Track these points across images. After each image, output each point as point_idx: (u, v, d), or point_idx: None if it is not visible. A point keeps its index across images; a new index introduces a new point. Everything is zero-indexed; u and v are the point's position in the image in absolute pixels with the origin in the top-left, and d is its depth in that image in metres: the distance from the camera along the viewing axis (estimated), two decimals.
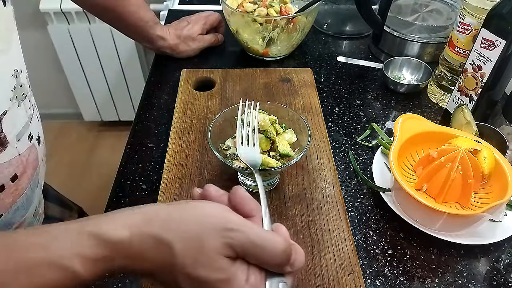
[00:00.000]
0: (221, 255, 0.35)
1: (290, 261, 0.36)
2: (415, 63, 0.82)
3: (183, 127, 0.69)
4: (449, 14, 0.88)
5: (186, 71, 0.81)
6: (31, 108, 0.51)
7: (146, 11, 0.81)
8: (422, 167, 0.60)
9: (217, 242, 0.35)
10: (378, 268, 0.53)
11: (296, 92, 0.77)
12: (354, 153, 0.68)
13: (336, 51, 0.93)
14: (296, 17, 0.81)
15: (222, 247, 0.35)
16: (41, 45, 1.77)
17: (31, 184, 0.51)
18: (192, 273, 0.34)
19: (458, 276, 0.52)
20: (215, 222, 0.35)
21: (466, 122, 0.63)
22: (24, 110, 0.48)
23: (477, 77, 0.65)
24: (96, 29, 1.63)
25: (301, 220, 0.56)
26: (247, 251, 0.35)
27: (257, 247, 0.35)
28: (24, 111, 0.48)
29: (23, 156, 0.48)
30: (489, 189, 0.57)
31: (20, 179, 0.48)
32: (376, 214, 0.59)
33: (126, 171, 0.65)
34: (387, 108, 0.78)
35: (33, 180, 0.52)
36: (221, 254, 0.35)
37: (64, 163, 1.94)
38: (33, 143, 0.50)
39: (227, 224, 0.35)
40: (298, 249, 0.38)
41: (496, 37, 0.60)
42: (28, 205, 0.52)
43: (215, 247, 0.35)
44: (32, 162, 0.51)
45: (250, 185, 0.59)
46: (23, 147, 0.48)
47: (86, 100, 1.90)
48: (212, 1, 1.05)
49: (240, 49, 0.91)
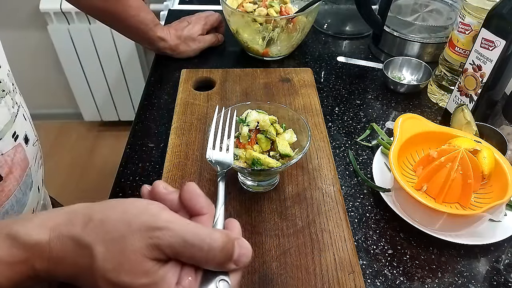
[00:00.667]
0: (147, 258, 0.31)
1: (234, 258, 0.33)
2: (415, 63, 0.82)
3: (183, 127, 0.69)
4: (449, 14, 0.88)
5: (186, 71, 0.81)
6: (14, 107, 0.49)
7: (146, 13, 0.81)
8: (422, 167, 0.60)
9: (142, 243, 0.31)
10: (378, 268, 0.53)
11: (296, 92, 0.77)
12: (354, 153, 0.68)
13: (336, 51, 0.93)
14: (296, 17, 0.81)
15: (147, 248, 0.31)
16: (41, 45, 1.77)
17: (20, 186, 0.50)
18: (113, 278, 0.31)
19: (458, 276, 0.52)
20: (141, 221, 0.32)
21: (466, 122, 0.63)
22: (5, 108, 0.47)
23: (477, 77, 0.65)
24: (96, 29, 1.63)
25: (301, 220, 0.56)
26: (178, 251, 0.32)
27: (188, 246, 0.32)
28: (6, 109, 0.47)
29: (7, 156, 0.47)
30: (489, 189, 0.57)
31: (6, 180, 0.47)
32: (376, 214, 0.59)
33: (126, 171, 0.65)
34: (387, 108, 0.78)
35: (24, 182, 0.50)
36: (147, 257, 0.31)
37: (64, 163, 1.94)
38: (19, 143, 0.49)
39: (155, 223, 0.32)
40: (244, 243, 0.34)
41: (496, 37, 0.60)
42: (20, 208, 0.51)
43: (139, 249, 0.31)
44: (20, 163, 0.49)
45: (250, 185, 0.59)
46: (7, 146, 0.47)
47: (86, 100, 1.90)
48: (212, 1, 1.05)
49: (240, 49, 0.91)
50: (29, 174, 0.52)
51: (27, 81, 1.93)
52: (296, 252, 0.52)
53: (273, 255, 0.52)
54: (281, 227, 0.55)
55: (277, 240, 0.54)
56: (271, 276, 0.50)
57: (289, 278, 0.50)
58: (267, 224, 0.56)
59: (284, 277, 0.50)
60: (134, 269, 0.31)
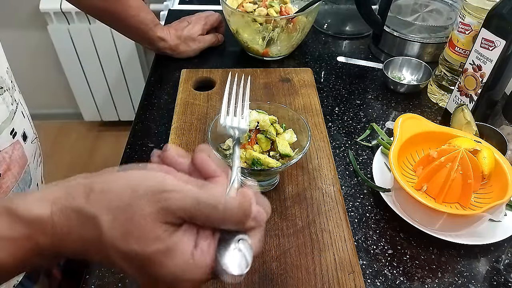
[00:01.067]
0: (158, 222, 0.29)
1: (252, 215, 0.31)
2: (415, 63, 0.82)
3: (183, 127, 0.69)
4: (449, 14, 0.88)
5: (186, 71, 0.81)
6: (13, 104, 0.50)
7: (146, 13, 0.81)
8: (422, 167, 0.60)
9: (151, 208, 0.29)
10: (378, 268, 0.53)
11: (296, 92, 0.77)
12: (354, 153, 0.68)
13: (336, 51, 0.93)
14: (296, 17, 0.81)
15: (157, 212, 0.29)
16: (41, 45, 1.77)
17: (18, 182, 0.50)
18: (123, 248, 0.29)
19: (458, 276, 0.52)
20: (147, 186, 0.30)
21: (466, 122, 0.63)
22: (4, 105, 0.47)
23: (477, 77, 0.65)
24: (96, 29, 1.63)
25: (301, 220, 0.56)
26: (192, 212, 0.30)
27: (203, 205, 0.30)
28: (4, 106, 0.47)
29: (5, 153, 0.47)
30: (489, 189, 0.57)
31: (4, 176, 0.47)
32: (376, 214, 0.59)
33: None
34: (387, 108, 0.78)
35: (22, 179, 0.51)
36: (158, 221, 0.29)
37: (64, 163, 1.94)
38: (17, 140, 0.49)
39: (162, 187, 0.30)
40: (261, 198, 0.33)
41: (496, 37, 0.60)
42: None
43: (148, 214, 0.29)
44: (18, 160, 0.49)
45: (250, 185, 0.59)
46: (5, 143, 0.47)
47: (86, 100, 1.90)
48: (212, 1, 1.05)
49: (240, 49, 0.91)
50: (28, 171, 0.52)
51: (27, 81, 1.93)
52: (296, 252, 0.52)
53: (273, 255, 0.52)
54: (281, 227, 0.55)
55: (277, 240, 0.54)
56: (271, 276, 0.50)
57: (289, 278, 0.50)
58: (267, 224, 0.55)
59: (284, 277, 0.50)
60: (144, 235, 0.29)
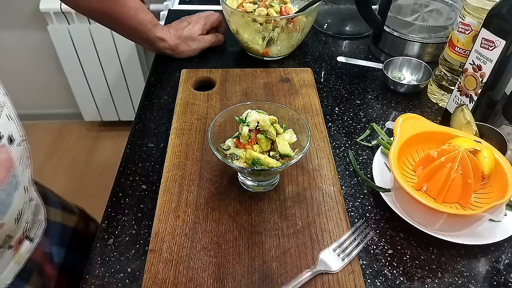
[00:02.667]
0: None
1: None
2: (415, 63, 0.82)
3: (183, 127, 0.69)
4: (449, 14, 0.88)
5: (186, 71, 0.81)
6: None
7: (145, 14, 0.81)
8: (422, 167, 0.60)
9: None
10: (378, 268, 0.53)
11: (296, 92, 0.77)
12: (354, 153, 0.68)
13: (336, 51, 0.93)
14: (296, 17, 0.81)
15: None
16: (41, 45, 1.77)
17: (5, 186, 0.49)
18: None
19: (458, 276, 0.52)
20: None
21: (466, 122, 0.63)
22: None
23: (477, 77, 0.65)
24: (96, 29, 1.63)
25: (301, 220, 0.56)
26: None
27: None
28: None
29: None
30: (489, 189, 0.57)
31: None
32: (376, 214, 0.59)
33: (126, 171, 0.65)
34: (387, 108, 0.78)
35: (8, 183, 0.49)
36: None
37: (64, 163, 1.94)
38: (3, 143, 0.48)
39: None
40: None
41: (496, 37, 0.60)
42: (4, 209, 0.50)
43: None
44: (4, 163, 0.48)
45: (250, 185, 0.59)
46: None
47: (86, 100, 1.90)
48: (212, 1, 1.05)
49: (240, 49, 0.91)
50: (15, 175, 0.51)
51: (27, 81, 1.94)
52: (296, 252, 0.52)
53: (273, 255, 0.52)
54: (281, 227, 0.55)
55: (277, 240, 0.54)
56: (271, 276, 0.50)
57: (289, 278, 0.50)
58: (267, 224, 0.56)
59: (284, 277, 0.50)
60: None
